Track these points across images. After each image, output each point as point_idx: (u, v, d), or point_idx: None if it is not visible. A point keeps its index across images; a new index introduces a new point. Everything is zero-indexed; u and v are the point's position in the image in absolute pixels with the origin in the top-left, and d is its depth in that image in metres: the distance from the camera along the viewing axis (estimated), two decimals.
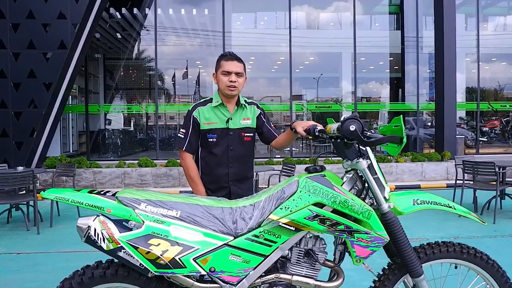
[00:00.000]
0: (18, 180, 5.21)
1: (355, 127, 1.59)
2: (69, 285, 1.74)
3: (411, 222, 5.39)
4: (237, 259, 1.67)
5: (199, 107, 2.42)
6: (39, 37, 8.55)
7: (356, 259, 1.69)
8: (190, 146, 2.40)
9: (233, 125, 2.40)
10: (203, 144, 2.42)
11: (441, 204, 1.79)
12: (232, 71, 2.35)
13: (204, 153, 2.43)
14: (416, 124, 12.00)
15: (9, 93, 8.54)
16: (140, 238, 1.62)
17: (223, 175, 2.38)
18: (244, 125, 2.42)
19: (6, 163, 7.65)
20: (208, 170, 2.41)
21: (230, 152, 2.38)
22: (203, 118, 2.38)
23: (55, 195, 1.71)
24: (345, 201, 1.66)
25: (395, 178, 9.02)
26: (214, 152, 2.38)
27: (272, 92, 14.25)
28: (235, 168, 2.40)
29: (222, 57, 2.42)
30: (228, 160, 2.37)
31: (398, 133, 1.63)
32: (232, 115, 2.42)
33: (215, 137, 2.38)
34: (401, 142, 1.61)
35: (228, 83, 2.35)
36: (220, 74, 2.38)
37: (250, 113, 2.47)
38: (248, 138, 2.44)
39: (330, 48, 13.21)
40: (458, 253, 1.83)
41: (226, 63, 2.37)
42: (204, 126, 2.38)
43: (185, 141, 2.40)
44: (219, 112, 2.41)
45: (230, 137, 2.38)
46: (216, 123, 2.38)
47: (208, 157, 2.40)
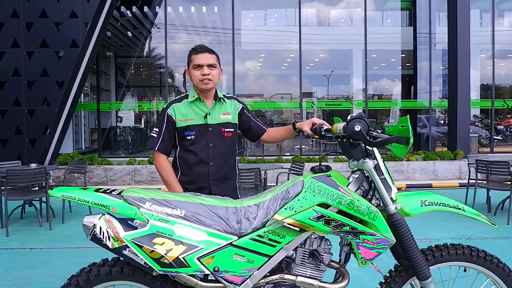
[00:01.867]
0: (31, 177, 5.29)
1: (360, 127, 1.57)
2: (75, 282, 1.76)
3: (421, 222, 5.33)
4: (241, 259, 1.66)
5: (174, 104, 2.28)
6: (51, 36, 8.67)
7: (362, 260, 1.67)
8: (164, 145, 2.26)
9: (212, 120, 2.26)
10: (181, 143, 2.28)
11: (450, 205, 1.76)
12: (203, 63, 2.21)
13: (182, 152, 2.28)
14: (429, 122, 11.83)
15: (23, 91, 8.68)
16: (145, 237, 1.63)
17: (203, 174, 2.24)
18: (224, 120, 2.29)
19: (20, 160, 7.80)
20: (187, 169, 2.27)
21: (210, 149, 2.24)
22: (179, 115, 2.24)
23: (62, 193, 1.72)
24: (350, 202, 1.64)
25: (406, 177, 8.92)
26: (192, 150, 2.24)
27: (282, 89, 14.19)
28: (216, 166, 2.26)
29: (192, 51, 2.27)
30: (208, 157, 2.23)
31: (405, 134, 1.60)
32: (210, 109, 2.27)
33: (193, 134, 2.23)
34: (407, 143, 1.58)
35: (201, 76, 2.21)
36: (192, 69, 2.24)
37: (230, 107, 2.33)
38: (229, 134, 2.30)
39: (341, 45, 13.10)
40: (467, 256, 1.79)
41: (196, 57, 2.23)
42: (181, 123, 2.24)
43: (158, 140, 2.26)
44: (196, 107, 2.26)
45: (209, 133, 2.24)
46: (193, 119, 2.24)
47: (187, 156, 2.26)
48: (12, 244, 4.64)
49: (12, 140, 8.65)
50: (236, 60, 11.47)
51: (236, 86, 12.43)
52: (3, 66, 8.60)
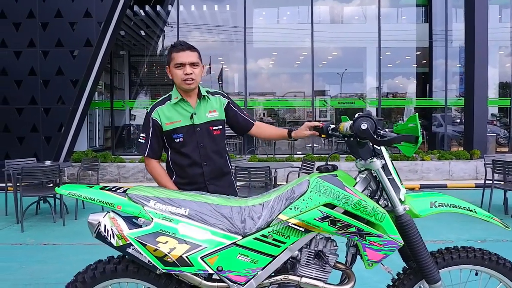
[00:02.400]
0: (46, 174, 5.38)
1: (367, 126, 1.53)
2: (82, 278, 1.77)
3: (435, 223, 5.23)
4: (245, 259, 1.64)
5: (158, 107, 2.20)
6: (66, 35, 8.79)
7: (368, 262, 1.64)
8: (153, 151, 2.19)
9: (199, 119, 2.18)
10: (170, 146, 2.21)
11: (461, 207, 1.71)
12: (185, 62, 2.12)
13: (174, 155, 2.22)
14: (444, 121, 11.61)
15: (39, 90, 8.83)
16: (149, 235, 1.62)
17: (198, 176, 2.19)
18: (211, 118, 2.21)
19: (36, 157, 7.94)
20: (181, 172, 2.22)
21: (201, 150, 2.18)
22: (164, 118, 2.17)
23: (69, 191, 1.74)
24: (357, 203, 1.61)
25: (420, 177, 8.77)
26: (183, 152, 2.18)
27: (295, 87, 14.10)
28: (210, 166, 2.20)
29: (172, 49, 2.17)
30: (201, 158, 2.18)
31: (414, 132, 1.55)
32: (196, 109, 2.19)
33: (181, 137, 2.16)
34: (416, 142, 1.54)
35: (184, 76, 2.12)
36: (174, 68, 2.15)
37: (216, 104, 2.25)
38: (218, 132, 2.23)
39: (355, 43, 12.94)
40: (479, 259, 1.74)
41: (177, 55, 2.13)
42: (167, 127, 2.16)
43: (146, 146, 2.19)
44: (181, 108, 2.19)
45: (198, 134, 2.18)
46: (179, 121, 2.17)
47: (179, 159, 2.20)
48: (26, 240, 4.73)
49: (29, 137, 8.81)
50: (249, 59, 11.45)
51: (248, 84, 12.42)
52: (20, 65, 8.76)
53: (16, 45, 8.75)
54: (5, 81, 8.75)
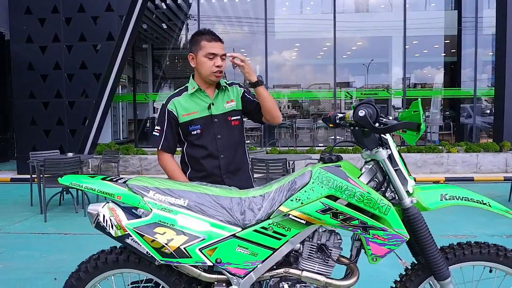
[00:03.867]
0: (68, 165, 5.51)
1: (365, 113, 1.44)
2: (85, 268, 1.78)
3: (458, 218, 5.05)
4: (245, 251, 1.60)
5: (174, 98, 2.14)
6: (89, 29, 8.94)
7: (372, 257, 1.56)
8: (168, 144, 2.13)
9: (216, 110, 2.13)
10: (186, 139, 2.15)
11: (474, 200, 1.60)
12: (218, 53, 2.05)
13: (189, 148, 2.15)
14: (473, 112, 11.15)
15: (64, 84, 9.05)
16: (146, 226, 1.61)
17: (215, 168, 2.12)
18: (229, 108, 2.15)
19: (62, 150, 8.18)
20: (197, 165, 2.15)
21: (218, 141, 2.11)
22: (181, 109, 2.11)
23: (71, 181, 1.74)
24: (360, 195, 1.53)
25: (446, 170, 8.48)
26: (200, 144, 2.11)
27: (319, 79, 13.86)
28: (227, 159, 2.13)
29: (201, 36, 2.08)
30: (218, 150, 2.11)
31: (416, 119, 1.46)
32: (214, 99, 2.14)
33: (199, 128, 2.10)
34: (418, 129, 1.45)
35: (214, 68, 2.05)
36: (203, 57, 2.06)
37: (233, 94, 2.19)
38: (236, 122, 2.17)
39: (380, 32, 12.58)
40: (493, 256, 1.63)
41: (209, 44, 2.05)
42: (184, 118, 2.11)
43: (160, 139, 2.13)
44: (198, 99, 2.13)
45: (215, 125, 2.12)
46: (196, 112, 2.11)
47: (195, 152, 2.13)
48: (49, 229, 4.88)
49: (54, 130, 9.07)
50: (272, 50, 11.34)
51: (272, 76, 12.32)
52: (45, 60, 9.00)
53: (42, 40, 8.99)
54: (31, 76, 9.01)
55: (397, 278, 1.74)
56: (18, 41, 9.02)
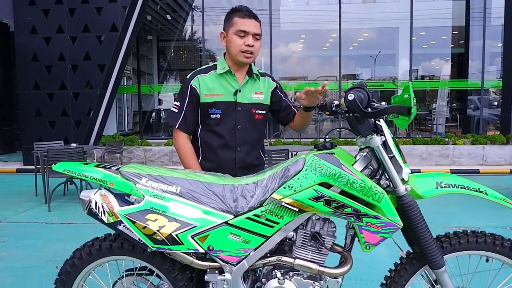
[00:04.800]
0: (71, 156, 5.54)
1: (354, 96, 1.41)
2: (79, 255, 1.79)
3: (462, 210, 5.01)
4: (237, 238, 1.59)
5: (200, 75, 1.96)
6: (93, 20, 8.94)
7: (365, 245, 1.54)
8: (186, 123, 1.96)
9: (243, 98, 1.96)
10: (203, 121, 1.99)
11: (470, 188, 1.57)
12: (250, 31, 1.89)
13: (205, 133, 1.99)
14: (480, 104, 11.01)
15: (68, 75, 9.08)
16: (138, 212, 1.60)
17: (229, 161, 1.97)
18: (256, 100, 1.99)
19: (67, 141, 8.23)
20: (210, 154, 1.99)
21: (238, 132, 1.96)
22: (205, 88, 1.93)
23: (64, 168, 1.74)
24: (353, 182, 1.51)
25: (452, 162, 8.40)
26: (217, 131, 1.96)
27: (326, 71, 13.73)
28: (244, 153, 1.98)
29: (235, 13, 1.92)
30: (236, 142, 1.95)
31: (406, 103, 1.43)
32: (242, 86, 1.97)
33: (220, 113, 1.94)
34: (409, 113, 1.41)
35: (244, 47, 1.89)
36: (234, 35, 1.90)
37: (263, 86, 2.03)
38: (260, 117, 2.01)
39: (387, 23, 12.42)
40: (490, 245, 1.60)
41: (242, 21, 1.89)
42: (206, 99, 1.93)
43: (179, 116, 1.96)
44: (225, 81, 1.96)
45: (238, 114, 1.95)
46: (221, 95, 1.94)
47: (210, 138, 1.98)
48: (52, 219, 4.92)
49: (59, 121, 9.12)
50: (277, 42, 11.24)
51: (278, 68, 12.23)
52: (49, 51, 9.02)
53: (46, 31, 9.00)
54: (36, 67, 9.05)
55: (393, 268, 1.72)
56: (22, 32, 9.05)
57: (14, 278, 3.18)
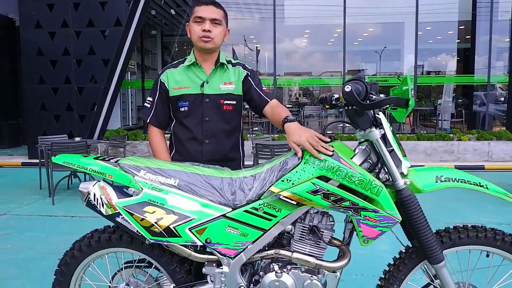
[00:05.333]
0: (74, 149, 5.56)
1: (351, 88, 1.40)
2: (78, 247, 1.80)
3: (466, 206, 4.99)
4: (235, 231, 1.59)
5: (169, 70, 1.99)
6: (97, 15, 8.93)
7: (363, 239, 1.53)
8: (157, 118, 2.01)
9: (210, 89, 1.95)
10: (175, 115, 2.01)
11: (471, 182, 1.55)
12: (206, 17, 1.89)
13: (176, 126, 2.02)
14: (486, 99, 10.90)
15: (72, 70, 9.10)
16: (136, 204, 1.61)
17: (196, 154, 1.97)
18: (224, 90, 1.97)
19: (71, 135, 8.27)
20: (180, 147, 2.02)
21: (205, 124, 1.95)
22: (173, 82, 1.96)
23: (63, 160, 1.74)
24: (351, 175, 1.50)
25: (456, 158, 8.34)
26: (186, 124, 1.97)
27: (331, 66, 13.65)
28: (212, 145, 1.98)
29: (195, 2, 1.95)
30: (203, 134, 1.95)
31: (404, 95, 1.41)
32: (209, 77, 1.96)
33: (187, 105, 1.95)
34: (407, 105, 1.40)
35: (201, 32, 1.89)
36: (192, 23, 1.92)
37: (233, 75, 2.00)
38: (229, 107, 1.98)
39: (392, 18, 12.31)
40: (490, 240, 1.58)
41: (199, 8, 1.91)
42: (174, 92, 1.95)
43: (150, 111, 2.01)
44: (193, 73, 1.97)
45: (205, 106, 1.94)
46: (188, 88, 1.94)
47: (180, 131, 1.99)
48: (56, 212, 4.95)
49: (64, 116, 9.16)
50: (282, 37, 11.18)
51: (282, 64, 12.18)
52: (54, 45, 9.04)
53: (50, 26, 9.01)
54: (41, 61, 9.07)
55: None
56: (27, 27, 9.07)
57: (17, 269, 3.21)
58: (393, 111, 1.50)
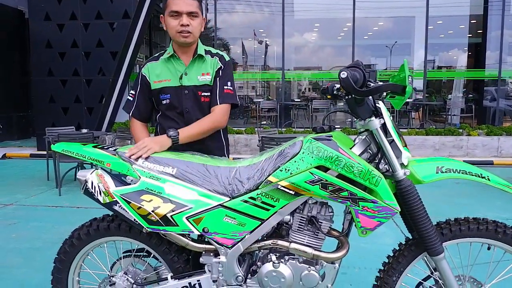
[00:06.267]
0: (82, 141, 5.60)
1: (347, 74, 1.37)
2: (77, 235, 1.81)
3: (474, 201, 4.92)
4: (232, 221, 1.58)
5: (150, 63, 1.99)
6: (105, 7, 8.95)
7: (362, 230, 1.51)
8: (139, 111, 2.01)
9: (189, 81, 1.93)
10: (158, 107, 2.02)
11: (472, 173, 1.52)
12: (182, 11, 1.85)
13: (161, 118, 2.03)
14: (497, 94, 10.72)
15: (81, 62, 9.15)
16: (133, 193, 1.60)
17: (180, 145, 1.89)
18: (202, 81, 1.94)
19: (79, 127, 8.33)
20: None
21: (186, 115, 1.94)
22: (154, 75, 1.95)
23: (63, 148, 1.75)
24: (350, 165, 1.48)
25: (465, 153, 8.23)
26: (168, 116, 1.97)
27: (341, 61, 13.51)
28: None
29: None
30: (185, 124, 1.92)
31: (401, 82, 1.38)
32: (187, 68, 1.95)
33: (168, 98, 1.94)
34: (404, 92, 1.37)
35: (179, 27, 1.86)
36: (168, 17, 1.89)
37: (211, 66, 1.97)
38: (207, 99, 1.96)
39: (403, 12, 12.13)
40: (492, 232, 1.55)
41: (173, 1, 1.86)
42: (155, 85, 1.95)
43: (133, 104, 2.01)
44: (172, 66, 1.95)
45: (185, 97, 1.93)
46: (169, 80, 1.94)
47: (164, 123, 1.99)
48: (62, 203, 5.00)
49: (72, 108, 9.23)
50: (291, 31, 11.09)
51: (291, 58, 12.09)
52: (63, 38, 9.08)
53: (59, 18, 9.06)
54: (50, 54, 9.13)
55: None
56: (36, 19, 9.12)
57: (22, 258, 3.25)
58: (391, 99, 1.47)
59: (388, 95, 1.51)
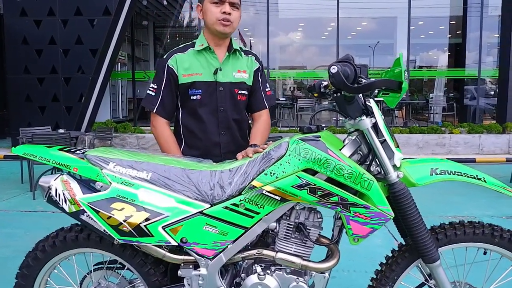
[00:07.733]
0: (58, 142, 5.37)
1: (337, 69, 1.26)
2: (42, 247, 1.65)
3: (460, 199, 4.93)
4: (213, 230, 1.45)
5: (176, 54, 1.81)
6: (85, 3, 8.66)
7: (353, 237, 1.40)
8: (163, 107, 1.81)
9: (224, 77, 1.80)
10: (184, 104, 1.83)
11: (467, 175, 1.43)
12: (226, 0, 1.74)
13: (186, 117, 1.84)
14: (477, 93, 10.89)
15: (59, 59, 8.83)
16: (103, 201, 1.45)
17: (213, 146, 1.82)
18: (238, 78, 1.82)
19: (57, 127, 8.03)
20: (193, 140, 1.84)
21: (221, 114, 1.80)
22: (182, 68, 1.77)
23: (24, 151, 1.59)
24: (340, 168, 1.36)
25: (448, 151, 8.30)
26: (199, 114, 1.80)
27: (325, 60, 13.51)
28: (228, 136, 1.84)
29: None
30: (219, 126, 1.80)
31: (397, 78, 1.28)
32: (222, 64, 1.81)
33: (200, 93, 1.78)
34: (400, 88, 1.26)
35: (221, 15, 1.73)
36: (209, 3, 1.75)
37: (247, 64, 1.87)
38: (243, 98, 1.86)
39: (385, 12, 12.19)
40: (488, 236, 1.47)
41: None
42: (184, 79, 1.77)
43: (156, 100, 1.80)
44: (204, 59, 1.80)
45: (219, 94, 1.79)
46: (200, 74, 1.78)
47: (192, 122, 1.82)
48: (36, 207, 4.77)
49: (50, 107, 8.90)
50: (276, 30, 10.99)
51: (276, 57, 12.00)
52: (40, 34, 8.75)
53: (36, 14, 8.72)
54: (26, 50, 8.79)
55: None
56: (12, 15, 8.77)
57: None
58: (384, 96, 1.36)
59: (381, 93, 1.40)
